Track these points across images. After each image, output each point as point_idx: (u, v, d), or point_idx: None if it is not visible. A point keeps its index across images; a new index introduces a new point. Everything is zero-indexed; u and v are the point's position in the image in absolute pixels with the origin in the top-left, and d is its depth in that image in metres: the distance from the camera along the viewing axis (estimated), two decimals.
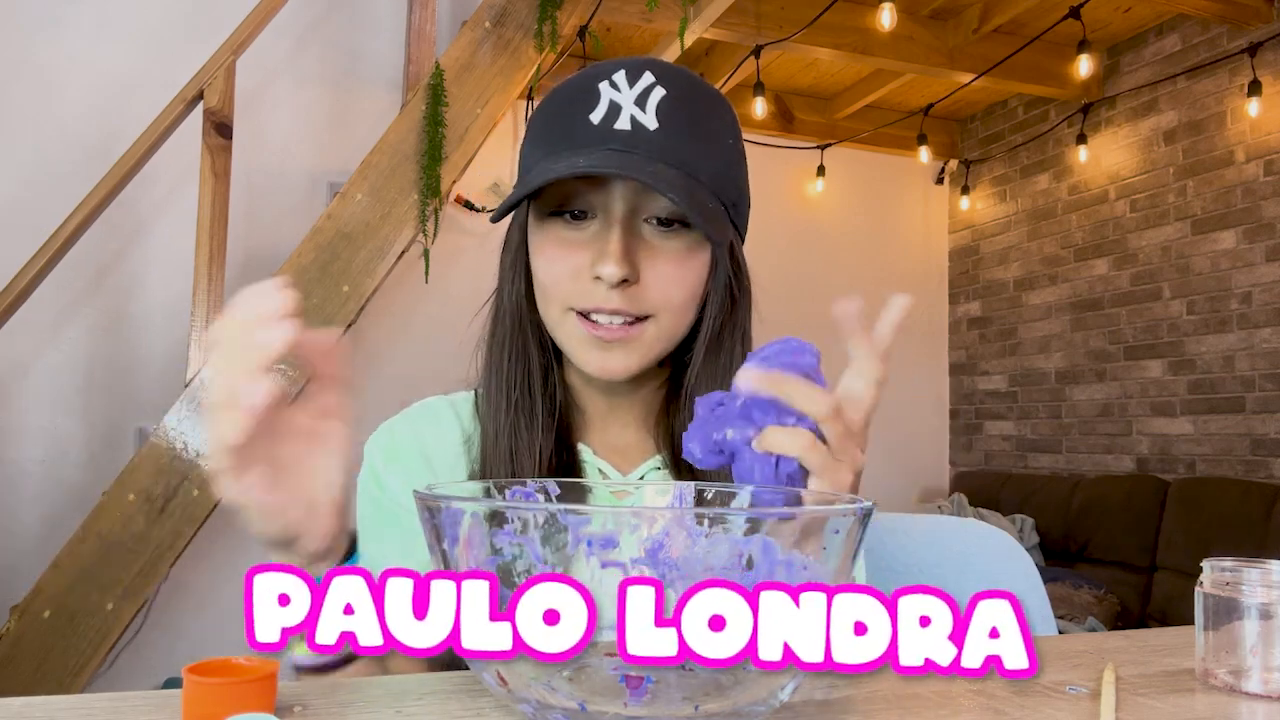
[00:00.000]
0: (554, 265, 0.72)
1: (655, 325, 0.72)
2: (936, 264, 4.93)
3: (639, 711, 0.38)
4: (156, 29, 3.22)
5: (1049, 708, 0.47)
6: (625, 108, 0.70)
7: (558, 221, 0.73)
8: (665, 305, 0.71)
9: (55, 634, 2.41)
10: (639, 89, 0.70)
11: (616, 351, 0.71)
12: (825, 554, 0.40)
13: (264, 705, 0.41)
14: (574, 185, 0.71)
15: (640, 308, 0.71)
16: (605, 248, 0.69)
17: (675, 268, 0.71)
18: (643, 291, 0.71)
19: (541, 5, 3.01)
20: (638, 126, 0.69)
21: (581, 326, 0.71)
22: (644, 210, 0.71)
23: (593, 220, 0.72)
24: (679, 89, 0.71)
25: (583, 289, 0.71)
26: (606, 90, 0.70)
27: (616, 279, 0.68)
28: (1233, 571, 0.54)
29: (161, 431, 2.55)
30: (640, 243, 0.71)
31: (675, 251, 0.72)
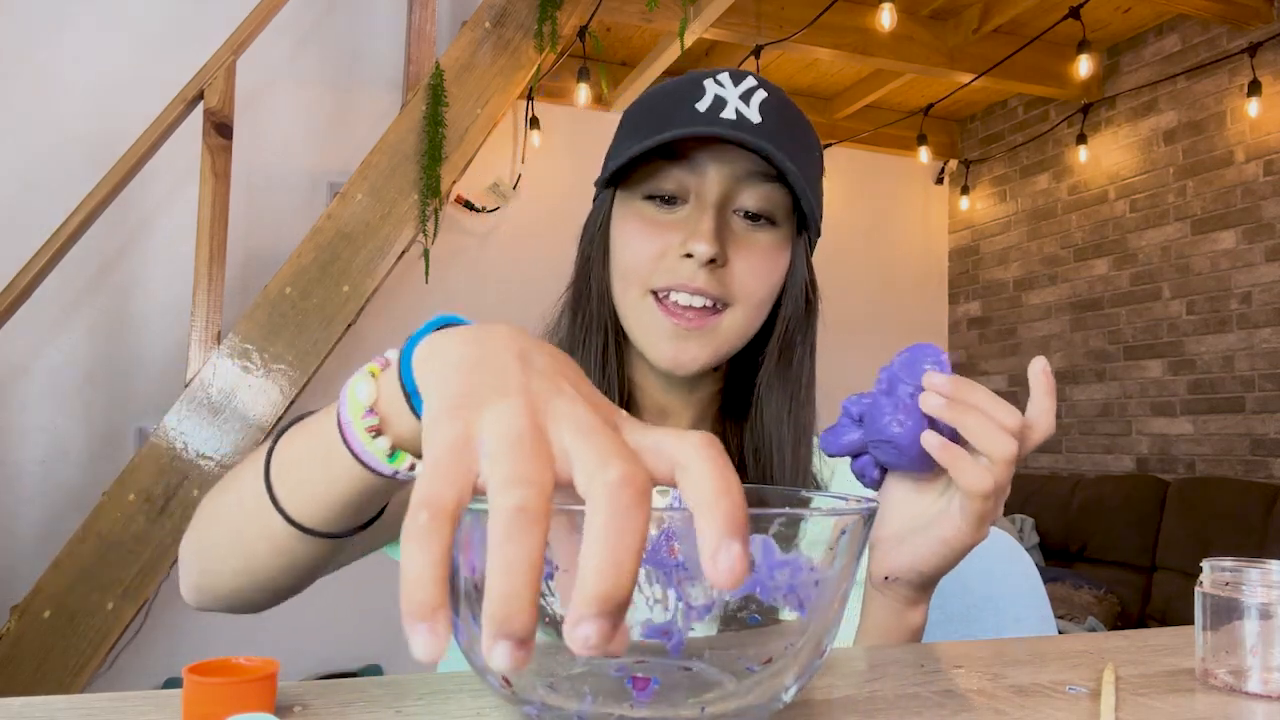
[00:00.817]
0: (641, 245, 0.73)
1: (732, 316, 0.72)
2: (936, 264, 4.94)
3: (645, 713, 0.38)
4: (156, 29, 3.22)
5: (1049, 708, 0.47)
6: (731, 101, 0.71)
7: (648, 204, 0.74)
8: (746, 295, 0.72)
9: (55, 634, 2.41)
10: (744, 87, 0.72)
11: (692, 342, 0.71)
12: (831, 554, 0.40)
13: (264, 705, 0.41)
14: (667, 169, 0.72)
15: (723, 292, 0.71)
16: (698, 227, 0.70)
17: (760, 260, 0.73)
18: (728, 277, 0.71)
19: (541, 5, 3.01)
20: (742, 118, 0.70)
21: (660, 312, 0.71)
22: (734, 201, 0.73)
23: (683, 205, 0.73)
24: (779, 95, 0.74)
25: (668, 267, 0.71)
26: (711, 85, 0.72)
27: (708, 256, 0.69)
28: (1233, 571, 0.54)
29: (161, 431, 2.55)
30: (730, 232, 0.72)
31: (762, 244, 0.73)
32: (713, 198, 0.71)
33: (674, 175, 0.72)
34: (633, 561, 0.28)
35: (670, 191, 0.73)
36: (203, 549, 0.56)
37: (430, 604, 0.28)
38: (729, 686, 0.39)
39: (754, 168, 0.72)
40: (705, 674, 0.40)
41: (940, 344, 4.93)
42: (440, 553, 0.28)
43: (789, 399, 0.76)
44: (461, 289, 3.78)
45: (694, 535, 0.38)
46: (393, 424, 0.45)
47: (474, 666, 0.42)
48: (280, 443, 0.51)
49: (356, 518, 0.50)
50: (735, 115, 0.70)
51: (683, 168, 0.72)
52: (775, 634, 0.40)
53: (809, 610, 0.39)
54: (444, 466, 0.30)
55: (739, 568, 0.29)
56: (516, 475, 0.29)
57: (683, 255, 0.70)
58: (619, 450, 0.30)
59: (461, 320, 0.46)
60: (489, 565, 0.28)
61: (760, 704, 0.40)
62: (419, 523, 0.29)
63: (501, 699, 0.47)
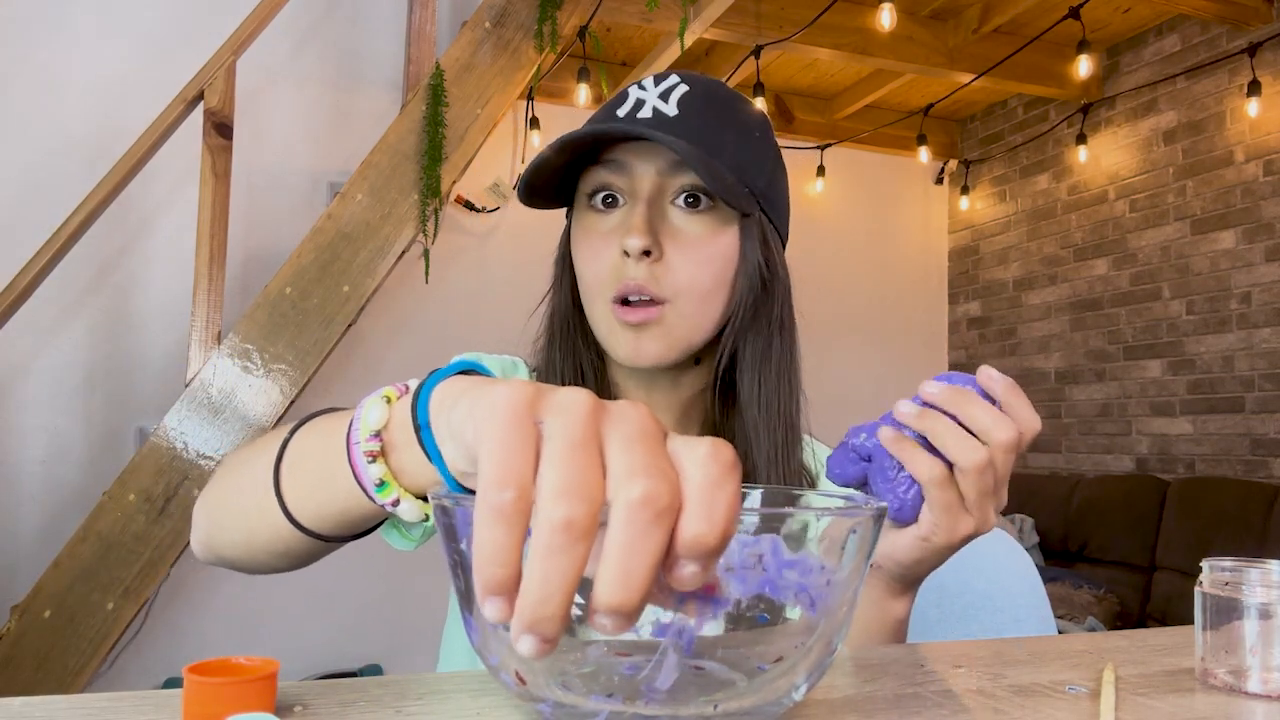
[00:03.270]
0: (591, 254, 0.75)
1: (674, 309, 0.72)
2: (936, 264, 4.94)
3: (658, 710, 0.38)
4: (157, 29, 3.22)
5: (1049, 708, 0.47)
6: (649, 101, 0.74)
7: (590, 213, 0.76)
8: (686, 287, 0.72)
9: (55, 634, 2.41)
10: (663, 87, 0.74)
11: (646, 339, 0.72)
12: (843, 554, 0.40)
13: (264, 705, 0.41)
14: (601, 176, 0.74)
15: (660, 288, 0.72)
16: (629, 223, 0.72)
17: (696, 247, 0.73)
18: (666, 271, 0.72)
19: (541, 5, 3.01)
20: (659, 114, 0.72)
21: (615, 313, 0.73)
22: (669, 191, 0.74)
23: (622, 205, 0.75)
24: (703, 87, 0.75)
25: (613, 272, 0.73)
26: (634, 90, 0.75)
27: (639, 248, 0.70)
28: (1232, 571, 0.54)
29: (161, 431, 2.55)
30: (666, 224, 0.73)
31: (699, 231, 0.73)
32: (643, 192, 0.73)
33: (604, 177, 0.74)
34: (643, 578, 0.29)
35: (603, 191, 0.75)
36: (211, 513, 0.59)
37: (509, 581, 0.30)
38: (740, 685, 0.40)
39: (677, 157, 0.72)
40: (717, 673, 0.40)
41: (940, 344, 4.93)
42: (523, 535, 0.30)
43: (758, 382, 0.76)
44: (461, 289, 3.79)
45: None
46: (395, 452, 0.46)
47: (487, 665, 0.42)
48: (296, 435, 0.52)
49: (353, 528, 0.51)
50: (651, 113, 0.72)
51: (609, 170, 0.74)
52: (786, 633, 0.40)
53: (819, 609, 0.40)
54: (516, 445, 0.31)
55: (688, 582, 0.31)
56: (569, 485, 0.30)
57: (622, 254, 0.72)
58: (650, 466, 0.30)
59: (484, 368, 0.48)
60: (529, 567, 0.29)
61: (771, 702, 0.40)
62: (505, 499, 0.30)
63: (510, 696, 0.47)
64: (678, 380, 0.80)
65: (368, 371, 3.60)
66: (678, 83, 0.74)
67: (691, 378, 0.80)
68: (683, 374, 0.80)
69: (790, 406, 0.77)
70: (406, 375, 0.66)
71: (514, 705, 0.46)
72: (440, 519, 0.42)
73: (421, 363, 3.71)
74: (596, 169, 0.74)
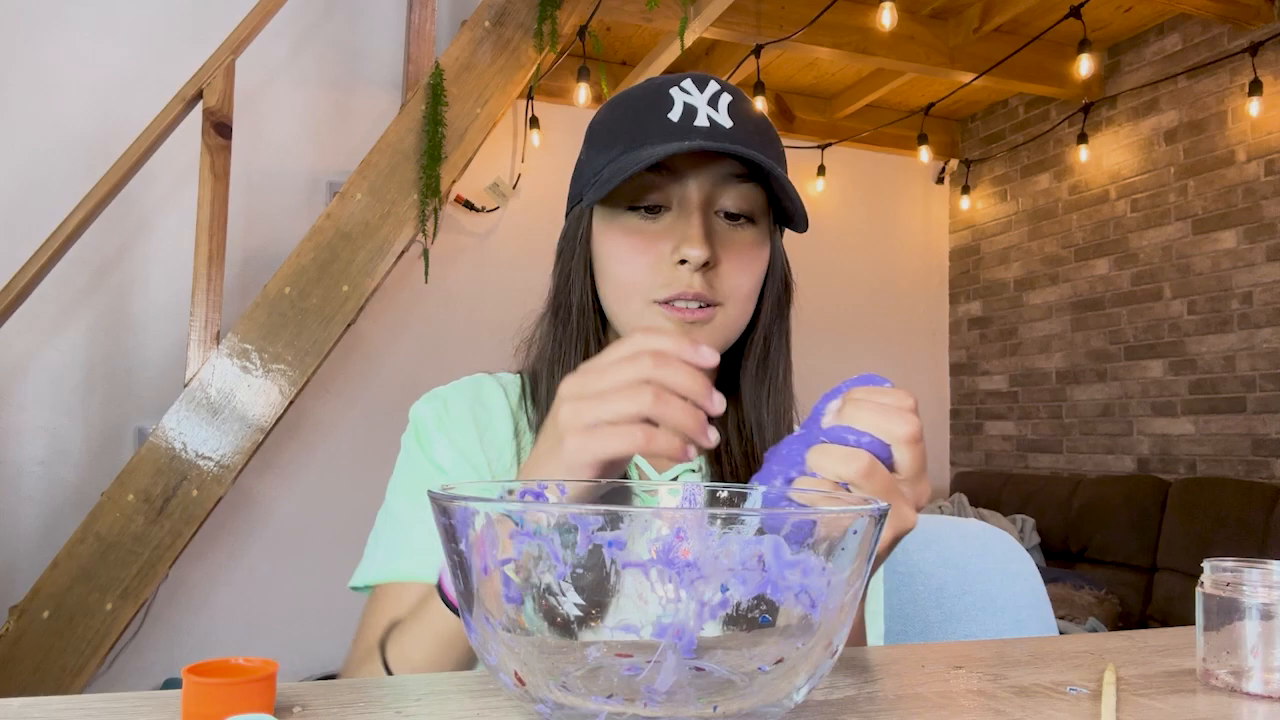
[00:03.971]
0: (634, 259, 0.74)
1: (724, 313, 0.74)
2: (937, 264, 4.93)
3: (658, 712, 0.38)
4: (156, 29, 3.22)
5: (1049, 708, 0.47)
6: (701, 108, 0.74)
7: (632, 216, 0.75)
8: (735, 293, 0.74)
9: (55, 634, 2.41)
10: (709, 93, 0.74)
11: (700, 335, 0.74)
12: (843, 554, 0.40)
13: (264, 705, 0.41)
14: (647, 180, 0.74)
15: (714, 293, 0.73)
16: (688, 232, 0.72)
17: (745, 257, 0.75)
18: (718, 278, 0.73)
19: (541, 5, 3.01)
20: (715, 124, 0.73)
21: (664, 312, 0.73)
22: (715, 203, 0.75)
23: (667, 213, 0.75)
24: (741, 95, 0.77)
25: (665, 278, 0.73)
26: (678, 94, 0.74)
27: (702, 260, 0.71)
28: (1233, 572, 0.54)
29: (161, 431, 2.55)
30: (715, 234, 0.74)
31: (744, 242, 0.75)
32: (696, 202, 0.73)
33: (657, 185, 0.74)
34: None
35: (653, 202, 0.75)
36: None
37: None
38: (740, 686, 0.40)
39: (730, 170, 0.74)
40: (717, 674, 0.40)
41: (941, 344, 4.93)
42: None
43: (767, 385, 0.79)
44: (461, 289, 3.78)
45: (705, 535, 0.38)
46: None
47: (486, 665, 0.42)
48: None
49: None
50: (708, 122, 0.73)
51: (665, 177, 0.73)
52: (786, 634, 0.40)
53: (820, 610, 0.40)
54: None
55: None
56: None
57: (676, 262, 0.72)
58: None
59: None
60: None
61: (771, 703, 0.40)
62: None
63: (509, 697, 0.47)
64: None
65: (367, 371, 3.60)
66: (720, 90, 0.75)
67: None
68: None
69: (789, 409, 0.80)
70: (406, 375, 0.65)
71: (514, 705, 0.46)
72: (440, 520, 0.42)
73: (421, 363, 3.72)
74: (649, 175, 0.74)
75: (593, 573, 0.39)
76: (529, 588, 0.40)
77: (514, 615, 0.40)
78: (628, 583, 0.38)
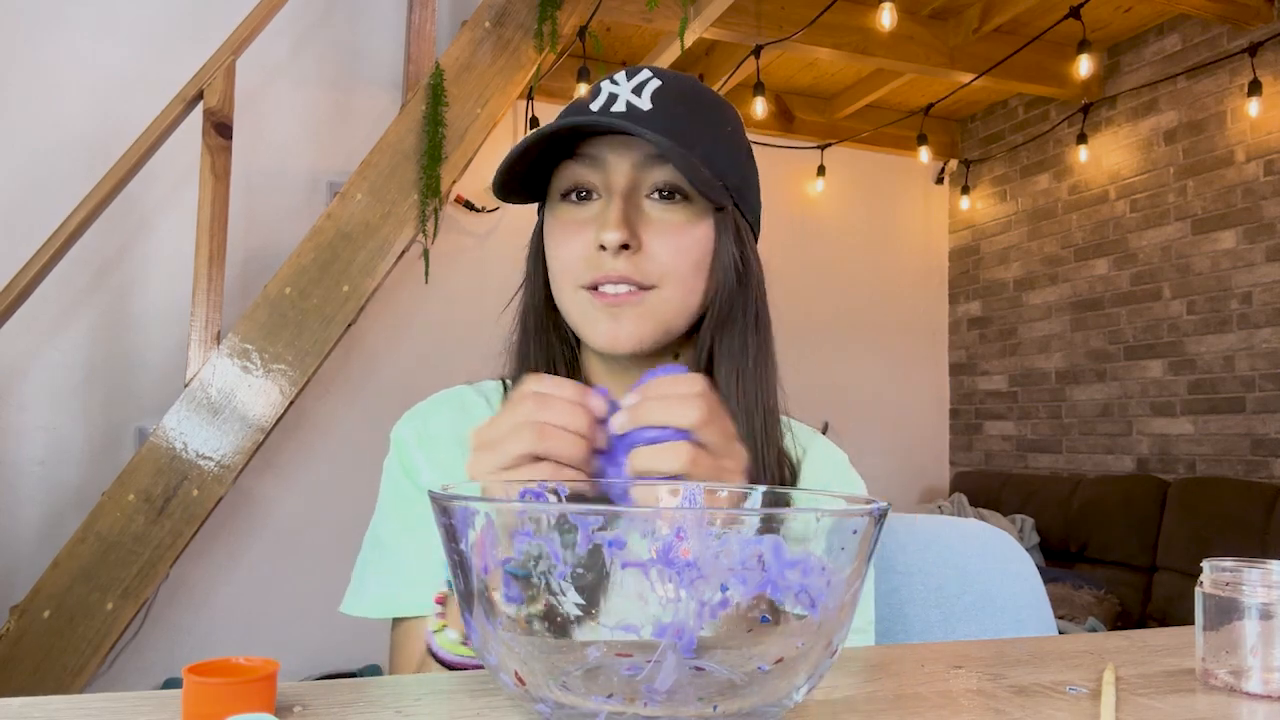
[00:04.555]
0: (564, 247, 0.75)
1: (658, 294, 0.73)
2: (936, 264, 4.93)
3: (658, 711, 0.38)
4: (156, 29, 3.22)
5: (1049, 708, 0.47)
6: (622, 95, 0.74)
7: (564, 205, 0.76)
8: (669, 273, 0.73)
9: (55, 634, 2.41)
10: (636, 81, 0.75)
11: (625, 320, 0.73)
12: (843, 554, 0.40)
13: (264, 705, 0.41)
14: (573, 170, 0.75)
15: (644, 275, 0.72)
16: (605, 217, 0.72)
17: (676, 236, 0.74)
18: (646, 260, 0.73)
19: (541, 5, 3.01)
20: (633, 109, 0.73)
21: (591, 297, 0.73)
22: (644, 185, 0.74)
23: (596, 199, 0.75)
24: (676, 83, 0.76)
25: (590, 262, 0.73)
26: (607, 85, 0.76)
27: (617, 243, 0.71)
28: (1233, 572, 0.54)
29: (161, 431, 2.55)
30: (642, 216, 0.74)
31: (676, 222, 0.74)
32: (618, 186, 0.73)
33: (577, 172, 0.75)
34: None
35: (579, 186, 0.75)
36: None
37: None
38: (740, 686, 0.40)
39: (652, 151, 0.73)
40: (717, 673, 0.40)
41: (940, 344, 4.92)
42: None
43: (735, 375, 0.76)
44: (461, 289, 3.78)
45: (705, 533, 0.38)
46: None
47: (487, 666, 0.42)
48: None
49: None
50: (625, 107, 0.73)
51: (584, 164, 0.74)
52: (786, 633, 0.40)
53: (820, 610, 0.40)
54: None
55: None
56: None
57: (598, 247, 0.72)
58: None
59: None
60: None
61: (771, 703, 0.40)
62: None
63: (509, 697, 0.47)
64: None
65: (367, 371, 3.60)
66: (650, 77, 0.75)
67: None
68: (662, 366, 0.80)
69: (768, 398, 0.78)
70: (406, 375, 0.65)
71: (513, 705, 0.46)
72: (440, 520, 0.42)
73: (421, 362, 3.72)
74: (571, 164, 0.75)
75: (593, 572, 0.39)
76: (529, 587, 0.40)
77: (514, 615, 0.40)
78: (628, 582, 0.38)
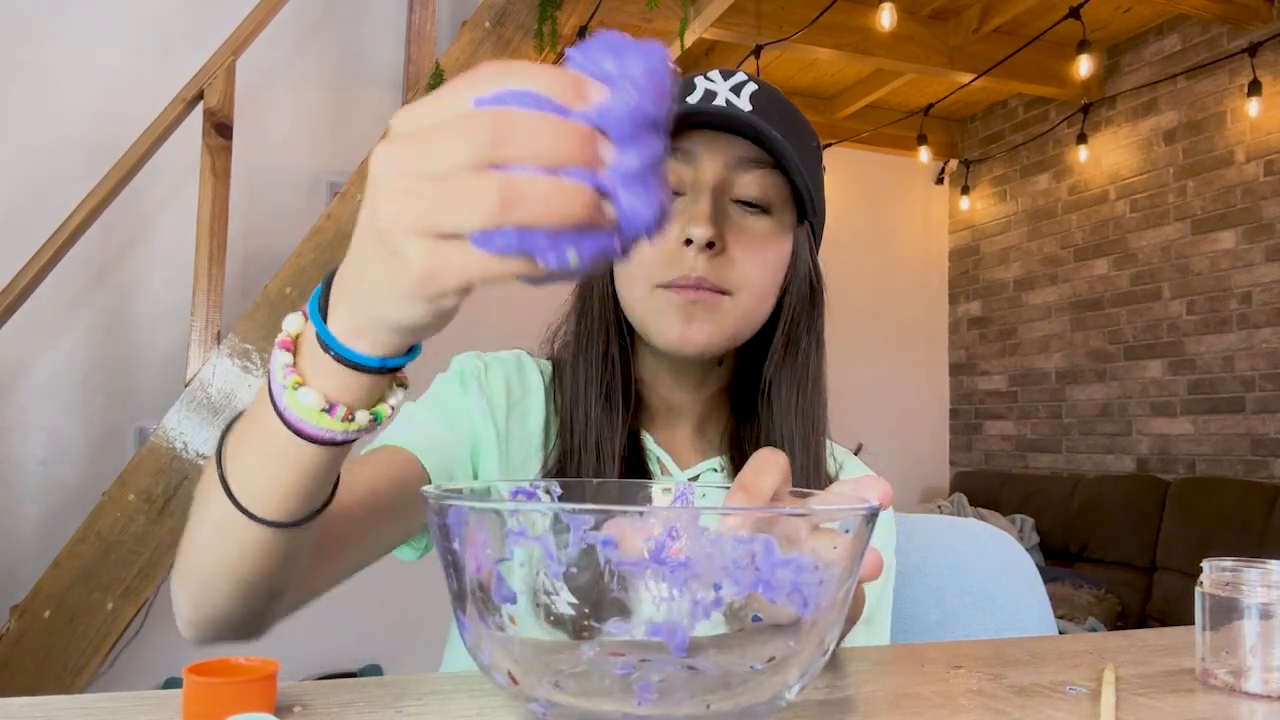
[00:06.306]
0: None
1: (734, 301, 0.72)
2: (936, 264, 4.93)
3: (651, 710, 0.38)
4: (156, 29, 3.22)
5: (1049, 708, 0.47)
6: (720, 93, 0.72)
7: None
8: (746, 282, 0.72)
9: (55, 634, 2.41)
10: (733, 81, 0.73)
11: (699, 321, 0.71)
12: (835, 553, 0.40)
13: (264, 705, 0.41)
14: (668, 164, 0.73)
15: (723, 279, 0.71)
16: (694, 211, 0.70)
17: (759, 246, 0.73)
18: (726, 265, 0.71)
19: (541, 5, 3.01)
20: (733, 108, 0.71)
21: (665, 293, 0.71)
22: (730, 189, 0.73)
23: (681, 198, 0.73)
24: (770, 90, 0.75)
25: (669, 259, 0.71)
26: (702, 81, 0.74)
27: (705, 239, 0.69)
28: (1233, 571, 0.54)
29: (161, 431, 2.55)
30: (727, 219, 0.72)
31: (759, 232, 0.73)
32: (708, 184, 0.72)
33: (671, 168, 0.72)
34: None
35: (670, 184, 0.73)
36: (184, 572, 0.53)
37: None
38: (733, 684, 0.40)
39: (746, 154, 0.72)
40: (709, 673, 0.40)
41: (940, 344, 4.92)
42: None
43: (796, 391, 0.76)
44: None
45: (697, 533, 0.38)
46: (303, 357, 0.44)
47: (480, 665, 0.42)
48: (228, 436, 0.50)
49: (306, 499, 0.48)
50: (726, 104, 0.71)
51: (676, 158, 0.72)
52: (778, 633, 0.40)
53: (812, 609, 0.40)
54: None
55: None
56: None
57: (681, 242, 0.70)
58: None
59: None
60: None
61: (764, 702, 0.40)
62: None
63: (508, 697, 0.47)
64: (704, 378, 0.80)
65: None
66: (746, 79, 0.73)
67: (715, 377, 0.81)
68: (708, 372, 0.80)
69: (822, 418, 0.78)
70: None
71: (513, 706, 0.46)
72: (434, 519, 0.42)
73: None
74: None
75: (586, 572, 0.39)
76: (522, 587, 0.40)
77: (508, 614, 0.40)
78: (621, 582, 0.38)
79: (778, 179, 0.73)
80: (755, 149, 0.72)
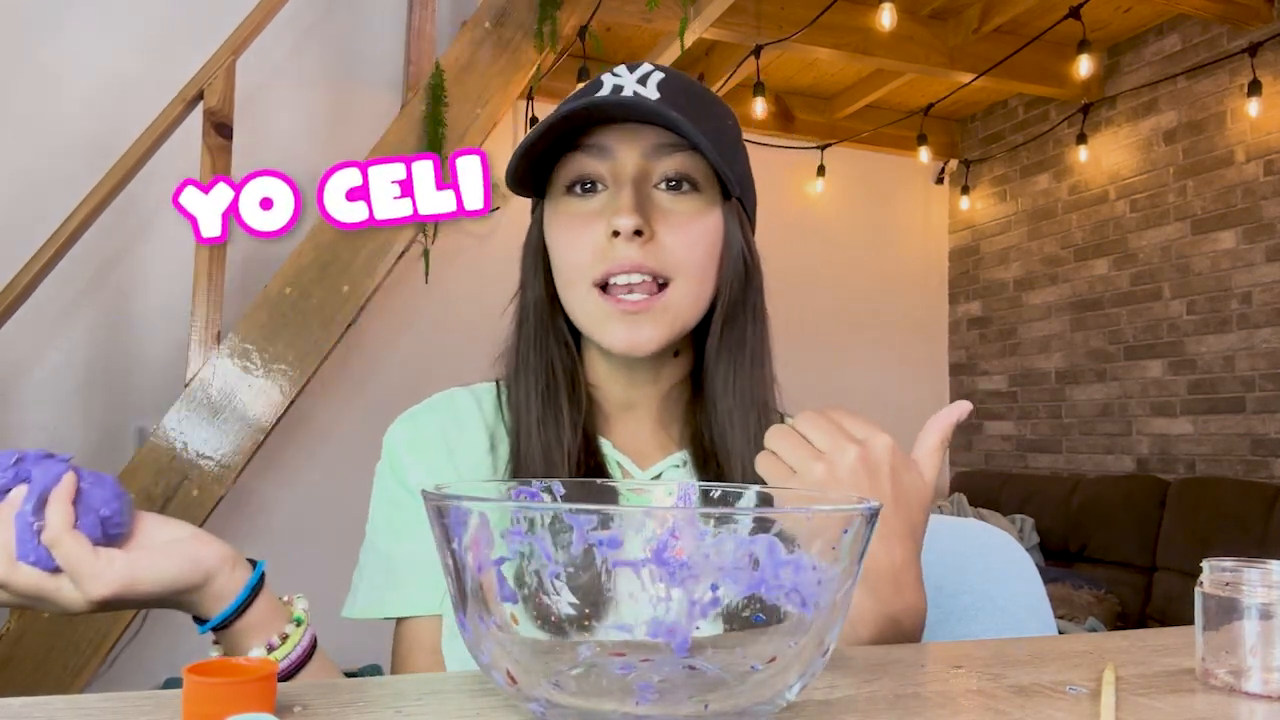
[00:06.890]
0: (572, 241, 0.73)
1: (676, 290, 0.72)
2: (936, 264, 4.93)
3: (650, 710, 0.38)
4: (156, 29, 3.22)
5: (1049, 708, 0.47)
6: (628, 86, 0.73)
7: (569, 199, 0.75)
8: (684, 265, 0.72)
9: (55, 634, 2.41)
10: (640, 73, 0.74)
11: (643, 324, 0.71)
12: (835, 554, 0.40)
13: (264, 705, 0.41)
14: (579, 161, 0.73)
15: (660, 265, 0.71)
16: (617, 204, 0.71)
17: (686, 225, 0.73)
18: (659, 250, 0.71)
19: (541, 5, 3.01)
20: (640, 98, 0.71)
21: (605, 301, 0.72)
22: (652, 175, 0.73)
23: (602, 191, 0.73)
24: (678, 76, 0.75)
25: (601, 253, 0.71)
26: (609, 78, 0.74)
27: (631, 228, 0.69)
28: (1233, 571, 0.54)
29: (161, 431, 2.55)
30: (652, 206, 0.72)
31: (685, 211, 0.73)
32: (627, 175, 0.72)
33: (585, 163, 0.73)
34: None
35: (585, 178, 0.74)
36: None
37: None
38: (733, 685, 0.40)
39: (661, 140, 0.72)
40: (709, 672, 0.40)
41: (940, 344, 4.92)
42: None
43: (733, 369, 0.76)
44: (461, 289, 3.78)
45: (698, 534, 0.38)
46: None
47: (480, 665, 0.42)
48: None
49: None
50: (633, 95, 0.71)
51: (592, 155, 0.73)
52: (779, 633, 0.40)
53: (812, 609, 0.40)
54: None
55: None
56: None
57: (610, 236, 0.70)
58: None
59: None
60: None
61: (764, 702, 0.40)
62: None
63: (507, 697, 0.47)
64: (659, 373, 0.79)
65: (368, 371, 3.60)
66: (652, 69, 0.74)
67: (671, 369, 0.80)
68: (663, 365, 0.79)
69: (764, 393, 0.77)
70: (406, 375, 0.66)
71: (513, 706, 0.46)
72: (435, 521, 0.42)
73: (421, 363, 3.71)
74: (576, 155, 0.73)
75: (586, 572, 0.39)
76: (523, 587, 0.40)
77: (508, 614, 0.40)
78: (621, 582, 0.38)
79: (698, 159, 0.73)
80: (670, 135, 0.72)
